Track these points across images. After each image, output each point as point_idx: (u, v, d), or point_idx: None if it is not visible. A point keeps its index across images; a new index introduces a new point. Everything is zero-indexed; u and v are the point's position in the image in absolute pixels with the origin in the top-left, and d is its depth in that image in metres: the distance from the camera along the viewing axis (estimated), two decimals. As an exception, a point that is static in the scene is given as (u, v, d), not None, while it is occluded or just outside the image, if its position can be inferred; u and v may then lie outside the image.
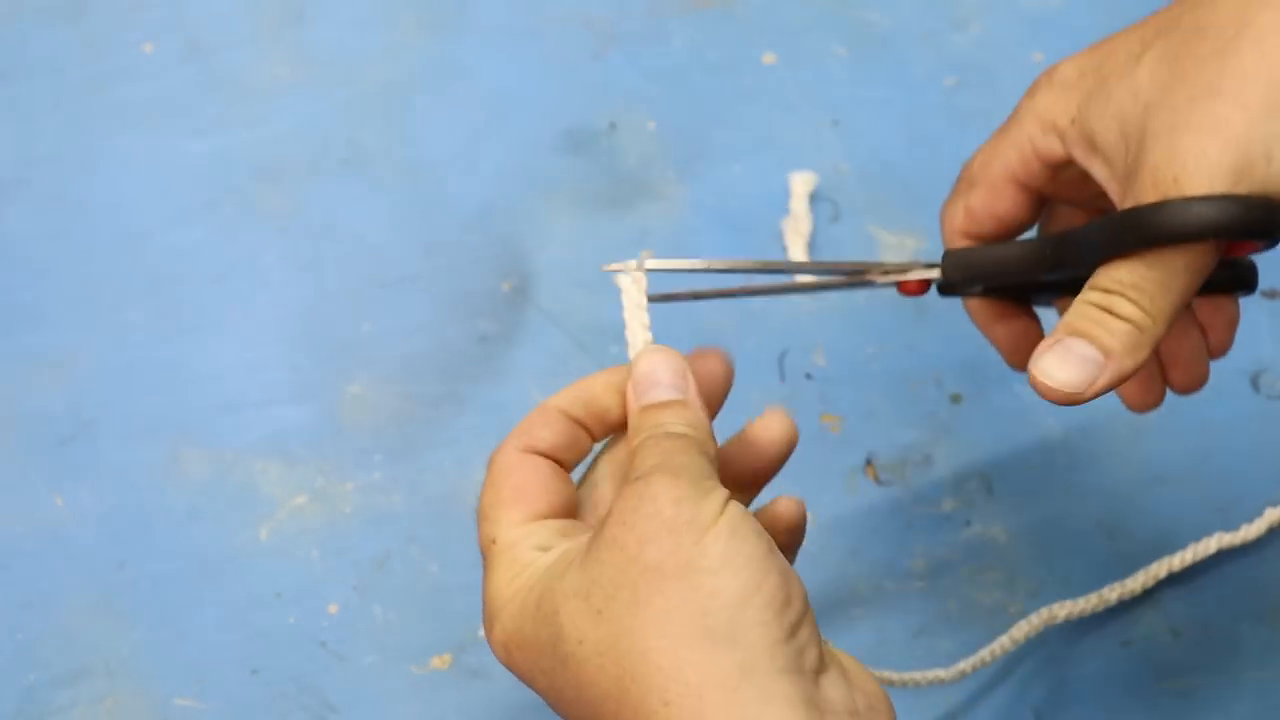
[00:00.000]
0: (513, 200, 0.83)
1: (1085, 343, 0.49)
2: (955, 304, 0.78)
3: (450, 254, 0.81)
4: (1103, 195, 0.53)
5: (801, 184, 0.81)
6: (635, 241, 0.81)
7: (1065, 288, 0.56)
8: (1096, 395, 0.49)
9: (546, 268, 0.80)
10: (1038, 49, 0.86)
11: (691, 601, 0.45)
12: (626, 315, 0.54)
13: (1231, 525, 0.70)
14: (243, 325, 0.78)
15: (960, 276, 0.56)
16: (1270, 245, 0.50)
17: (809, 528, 0.71)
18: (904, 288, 0.59)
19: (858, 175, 0.82)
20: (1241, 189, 0.47)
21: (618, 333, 0.78)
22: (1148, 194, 0.48)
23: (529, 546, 0.50)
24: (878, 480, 0.72)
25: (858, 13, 0.90)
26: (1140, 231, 0.47)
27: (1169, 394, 0.60)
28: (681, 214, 0.83)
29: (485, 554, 0.52)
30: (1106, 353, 0.49)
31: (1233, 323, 0.58)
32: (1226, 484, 0.72)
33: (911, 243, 0.80)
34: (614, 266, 0.55)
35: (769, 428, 0.57)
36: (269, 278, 0.80)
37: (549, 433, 0.53)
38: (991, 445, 0.73)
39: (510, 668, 0.50)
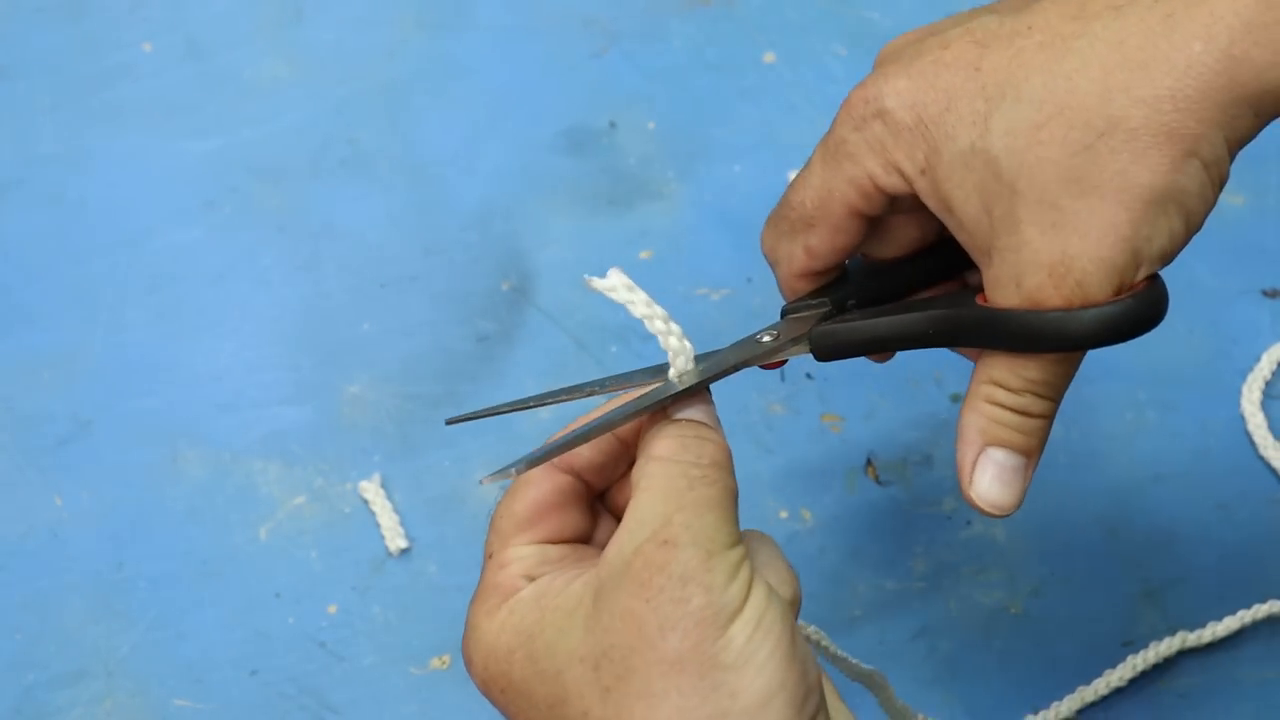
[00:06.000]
0: (512, 200, 0.83)
1: (1007, 452, 0.51)
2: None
3: (450, 254, 0.81)
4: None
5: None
6: (635, 241, 0.81)
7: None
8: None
9: (546, 267, 0.80)
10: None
11: (710, 702, 0.44)
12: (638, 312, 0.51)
13: (1233, 521, 0.70)
14: (242, 325, 0.78)
15: (834, 353, 0.55)
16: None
17: (810, 528, 0.71)
18: (770, 367, 0.56)
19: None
20: (1126, 289, 0.48)
21: (617, 332, 0.78)
22: (1048, 294, 0.48)
23: (517, 572, 0.49)
24: (878, 480, 0.72)
25: (858, 12, 0.90)
26: (1058, 340, 0.49)
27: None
28: (681, 213, 0.82)
29: (483, 563, 0.50)
30: (1028, 454, 0.52)
31: None
32: (1226, 483, 0.71)
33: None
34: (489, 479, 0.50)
35: None
36: (268, 277, 0.80)
37: (587, 449, 0.51)
38: (992, 445, 0.73)
39: (487, 696, 0.48)
